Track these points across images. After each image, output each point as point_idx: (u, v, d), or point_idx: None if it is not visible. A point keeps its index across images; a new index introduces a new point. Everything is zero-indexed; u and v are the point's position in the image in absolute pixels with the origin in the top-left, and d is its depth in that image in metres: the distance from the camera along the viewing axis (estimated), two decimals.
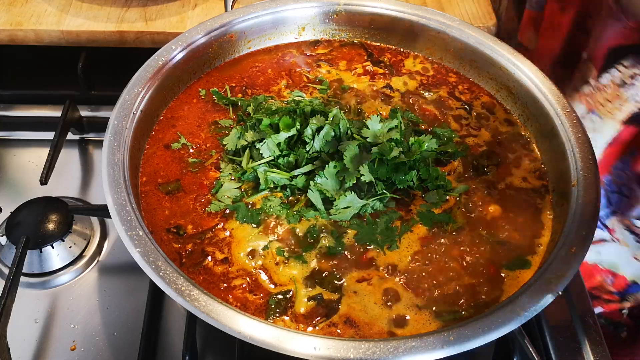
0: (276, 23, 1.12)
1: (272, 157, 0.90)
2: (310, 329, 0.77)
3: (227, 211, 0.89)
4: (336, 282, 0.82)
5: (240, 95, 1.06)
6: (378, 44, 1.16)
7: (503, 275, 0.84)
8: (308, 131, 0.90)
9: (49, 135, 1.12)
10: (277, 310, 0.79)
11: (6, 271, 0.98)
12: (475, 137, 1.01)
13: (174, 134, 0.99)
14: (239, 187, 0.91)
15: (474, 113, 1.05)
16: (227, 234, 0.87)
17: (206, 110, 1.03)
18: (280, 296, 0.80)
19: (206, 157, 0.96)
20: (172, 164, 0.95)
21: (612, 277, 1.21)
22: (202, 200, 0.90)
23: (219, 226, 0.87)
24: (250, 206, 0.89)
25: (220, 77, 1.09)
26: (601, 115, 1.11)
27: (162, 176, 0.93)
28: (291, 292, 0.81)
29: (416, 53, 1.15)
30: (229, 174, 0.93)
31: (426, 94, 1.08)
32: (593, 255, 1.22)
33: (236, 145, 0.94)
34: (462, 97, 1.08)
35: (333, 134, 0.90)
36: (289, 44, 1.15)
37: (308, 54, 1.14)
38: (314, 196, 0.87)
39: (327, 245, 0.86)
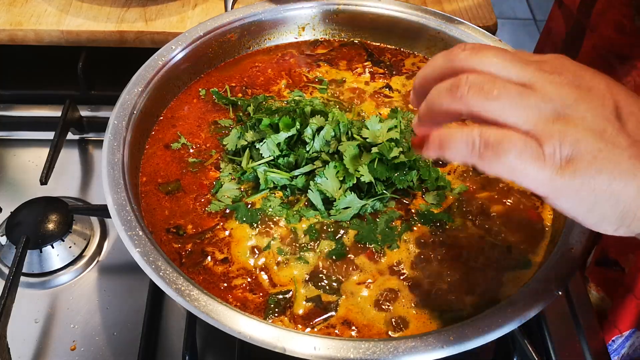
0: (276, 23, 1.12)
1: (272, 157, 0.90)
2: (308, 330, 0.77)
3: (227, 211, 0.89)
4: (335, 283, 0.82)
5: (240, 95, 1.06)
6: (378, 44, 1.16)
7: (503, 274, 0.84)
8: (308, 131, 0.90)
9: (49, 135, 1.11)
10: (276, 310, 0.79)
11: (6, 271, 0.98)
12: None
13: (174, 134, 0.99)
14: (239, 187, 0.91)
15: None
16: (227, 233, 0.87)
17: (206, 110, 1.03)
18: (280, 296, 0.80)
19: (206, 157, 0.96)
20: (172, 164, 0.95)
21: None
22: (202, 200, 0.90)
23: (218, 226, 0.87)
24: (250, 206, 0.89)
25: (220, 77, 1.09)
26: None
27: (162, 176, 0.93)
28: (291, 293, 0.81)
29: (416, 53, 1.15)
30: (229, 174, 0.93)
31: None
32: None
33: (236, 145, 0.94)
34: None
35: (333, 134, 0.90)
36: (288, 44, 1.15)
37: (308, 54, 1.14)
38: (314, 196, 0.87)
39: (327, 245, 0.85)
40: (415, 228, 0.88)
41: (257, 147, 0.91)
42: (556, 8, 1.27)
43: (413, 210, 0.90)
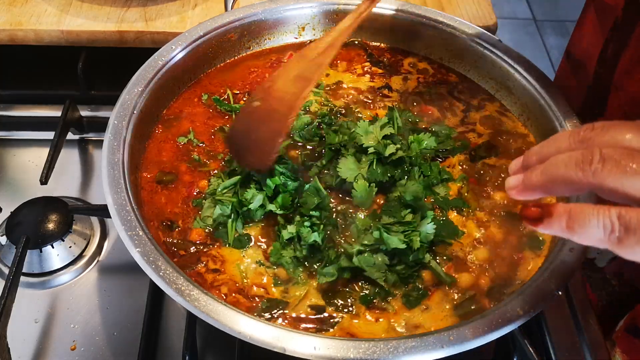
0: (276, 23, 1.12)
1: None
2: None
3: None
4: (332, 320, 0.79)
5: (242, 102, 1.05)
6: (378, 44, 1.16)
7: (518, 254, 0.86)
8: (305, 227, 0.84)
9: (49, 135, 1.11)
10: (269, 310, 0.78)
11: (6, 271, 0.98)
12: (474, 133, 1.02)
13: (173, 134, 0.99)
14: (223, 212, 0.87)
15: (473, 111, 1.05)
16: (217, 252, 0.85)
17: (206, 111, 1.03)
18: (275, 301, 0.80)
19: (207, 160, 0.96)
20: (172, 165, 0.95)
21: None
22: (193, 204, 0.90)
23: (209, 244, 0.86)
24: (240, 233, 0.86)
25: (221, 78, 1.08)
26: None
27: (164, 176, 0.93)
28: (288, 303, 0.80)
29: (416, 52, 1.15)
30: (213, 192, 0.89)
31: (425, 93, 1.08)
32: None
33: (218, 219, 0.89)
34: (461, 97, 1.08)
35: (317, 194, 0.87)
36: (288, 44, 1.15)
37: None
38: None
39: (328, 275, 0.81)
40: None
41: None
42: (564, 60, 1.24)
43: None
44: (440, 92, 1.08)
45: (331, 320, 0.79)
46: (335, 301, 0.80)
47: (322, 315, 0.79)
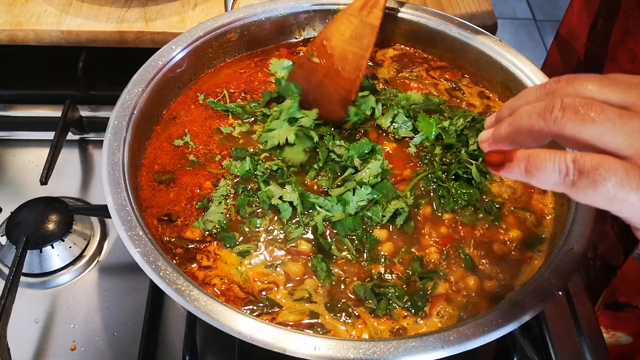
0: (276, 23, 1.12)
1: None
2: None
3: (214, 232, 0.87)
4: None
5: (239, 100, 1.05)
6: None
7: (523, 255, 0.86)
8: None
9: (49, 135, 1.11)
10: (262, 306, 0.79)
11: (6, 271, 0.98)
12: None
13: (173, 134, 0.99)
14: (224, 212, 0.88)
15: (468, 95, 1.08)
16: (215, 253, 0.85)
17: (205, 111, 1.03)
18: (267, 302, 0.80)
19: (206, 160, 0.96)
20: (171, 165, 0.95)
21: None
22: (196, 205, 0.90)
23: (208, 242, 0.86)
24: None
25: (220, 79, 1.08)
26: None
27: (162, 175, 0.93)
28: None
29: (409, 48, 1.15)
30: (222, 196, 0.90)
31: (409, 74, 1.10)
32: None
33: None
34: (446, 75, 1.11)
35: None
36: (288, 44, 1.15)
37: (303, 54, 1.13)
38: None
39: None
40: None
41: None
42: (553, 41, 1.24)
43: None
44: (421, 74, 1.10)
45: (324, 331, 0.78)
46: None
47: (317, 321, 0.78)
